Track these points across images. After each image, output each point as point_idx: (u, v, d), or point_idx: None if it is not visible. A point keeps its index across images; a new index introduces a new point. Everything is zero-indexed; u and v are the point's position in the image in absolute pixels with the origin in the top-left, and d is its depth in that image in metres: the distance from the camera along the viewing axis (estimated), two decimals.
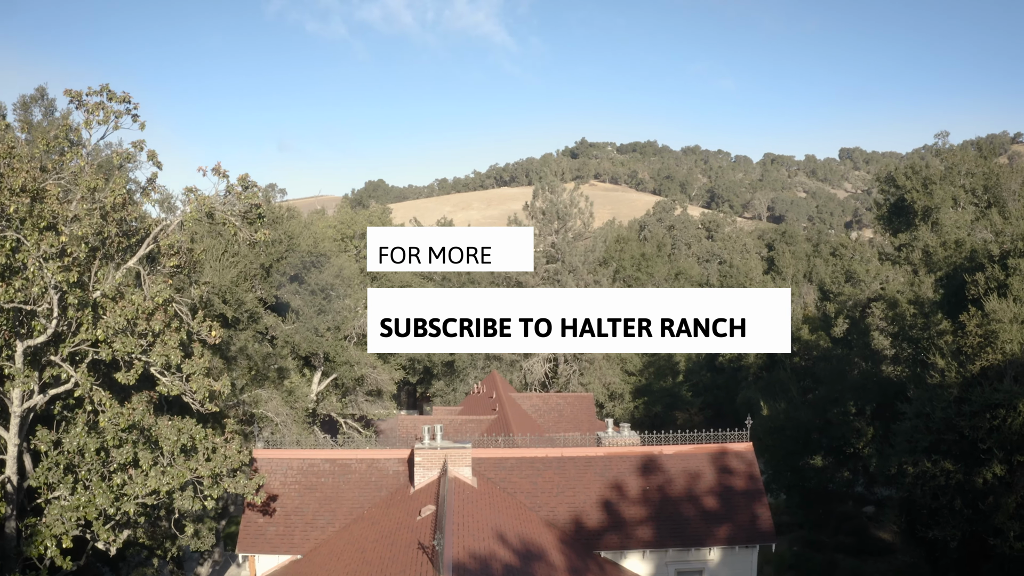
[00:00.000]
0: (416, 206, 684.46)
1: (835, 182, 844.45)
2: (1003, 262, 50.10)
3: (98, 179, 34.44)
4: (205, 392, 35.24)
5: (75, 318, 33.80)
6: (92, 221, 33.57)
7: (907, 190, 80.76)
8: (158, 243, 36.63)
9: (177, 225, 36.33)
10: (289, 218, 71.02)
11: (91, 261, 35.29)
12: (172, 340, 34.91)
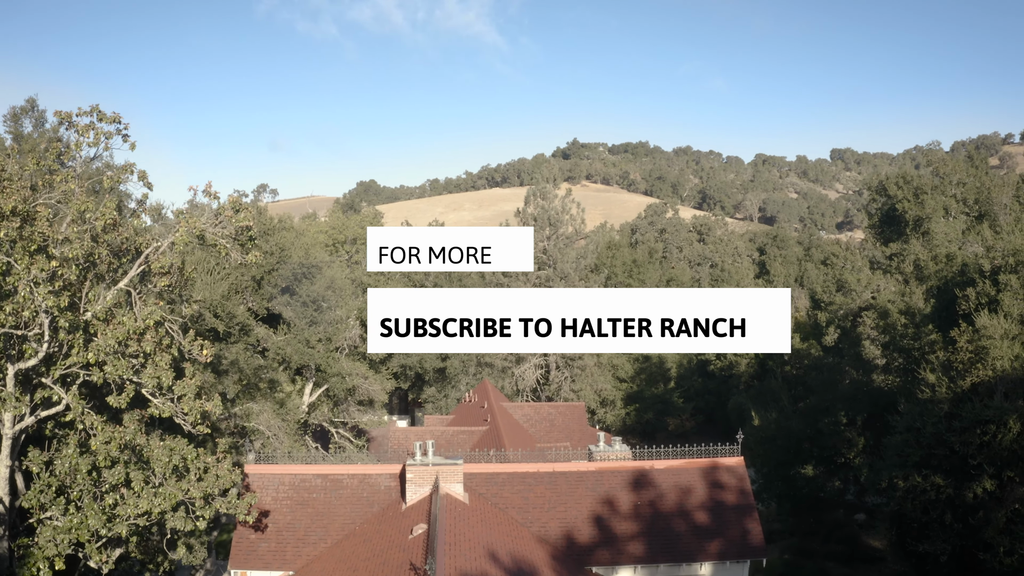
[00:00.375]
0: (407, 207, 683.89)
1: (826, 183, 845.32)
2: (994, 278, 50.20)
3: (88, 202, 34.40)
4: (197, 414, 35.22)
5: (66, 340, 33.76)
6: (83, 243, 33.52)
7: (898, 199, 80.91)
8: (149, 264, 36.58)
9: (167, 246, 36.21)
10: (280, 228, 70.80)
11: (82, 282, 35.23)
12: (163, 361, 34.90)
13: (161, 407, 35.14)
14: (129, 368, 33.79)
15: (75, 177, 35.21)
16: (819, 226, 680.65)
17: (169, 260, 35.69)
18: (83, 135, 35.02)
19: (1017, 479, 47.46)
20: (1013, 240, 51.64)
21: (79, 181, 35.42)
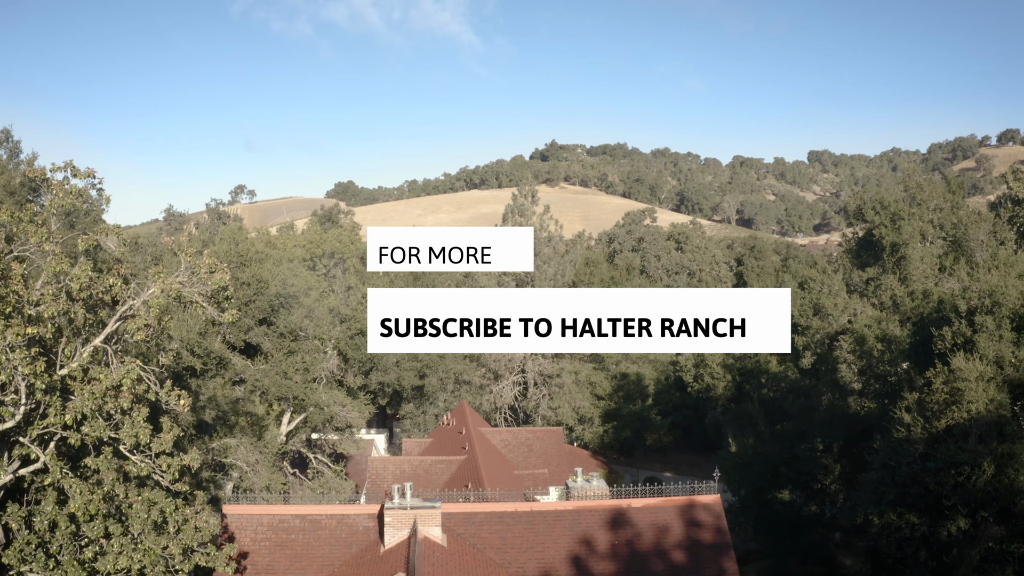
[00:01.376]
0: (385, 209, 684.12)
1: (804, 184, 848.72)
2: (970, 318, 50.58)
3: (63, 263, 34.30)
4: (175, 471, 35.18)
5: (43, 401, 33.66)
6: (58, 304, 33.41)
7: (875, 225, 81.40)
8: (124, 320, 36.49)
9: (141, 305, 36.09)
10: (257, 259, 70.64)
11: (57, 339, 35.11)
12: (140, 416, 34.81)
13: (139, 465, 35.07)
14: (106, 428, 33.73)
15: (49, 237, 34.99)
16: (796, 228, 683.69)
17: (144, 321, 35.49)
18: (55, 193, 34.88)
19: (991, 519, 47.84)
20: (989, 279, 52.00)
21: (52, 238, 35.23)
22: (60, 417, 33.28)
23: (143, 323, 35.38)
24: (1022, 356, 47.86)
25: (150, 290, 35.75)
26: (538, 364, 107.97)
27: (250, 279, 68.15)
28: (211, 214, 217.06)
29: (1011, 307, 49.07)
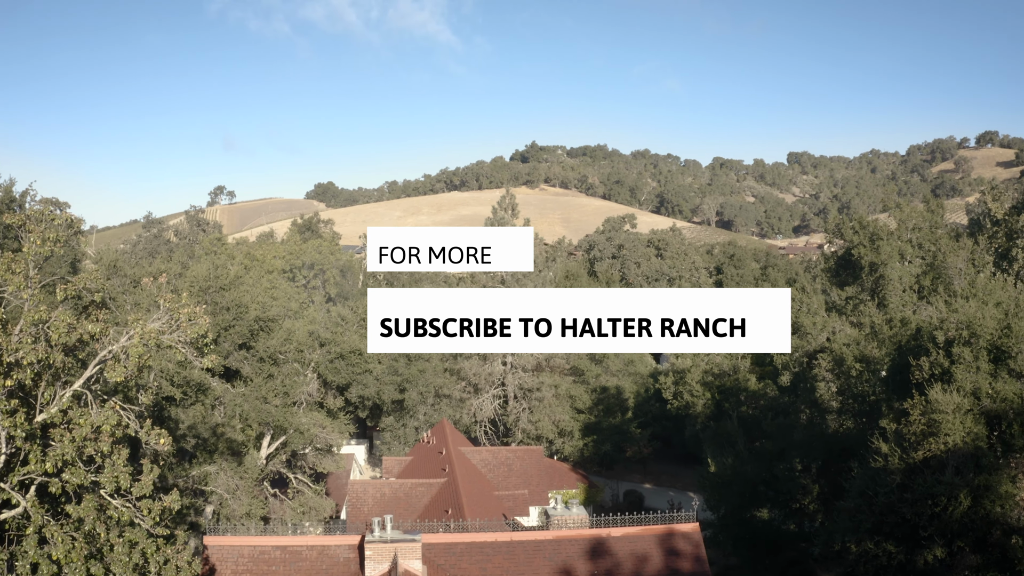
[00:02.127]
0: (365, 211, 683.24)
1: (783, 186, 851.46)
2: (947, 349, 50.91)
3: (42, 311, 34.23)
4: (156, 516, 35.17)
5: (23, 448, 33.62)
6: (38, 353, 33.31)
7: (854, 245, 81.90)
8: (104, 364, 36.41)
9: (120, 351, 35.98)
10: (238, 285, 70.59)
11: (37, 383, 35.03)
12: (121, 459, 34.80)
13: (121, 509, 35.05)
14: (87, 477, 33.72)
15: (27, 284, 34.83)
16: (776, 230, 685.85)
17: (124, 369, 35.37)
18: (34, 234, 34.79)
19: (967, 548, 48.18)
20: (967, 309, 52.33)
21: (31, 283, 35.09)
22: (40, 464, 33.27)
23: (123, 371, 35.30)
24: (999, 388, 48.18)
25: (129, 335, 35.62)
26: (518, 378, 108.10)
27: (229, 304, 68.10)
28: (190, 220, 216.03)
29: (988, 338, 49.40)
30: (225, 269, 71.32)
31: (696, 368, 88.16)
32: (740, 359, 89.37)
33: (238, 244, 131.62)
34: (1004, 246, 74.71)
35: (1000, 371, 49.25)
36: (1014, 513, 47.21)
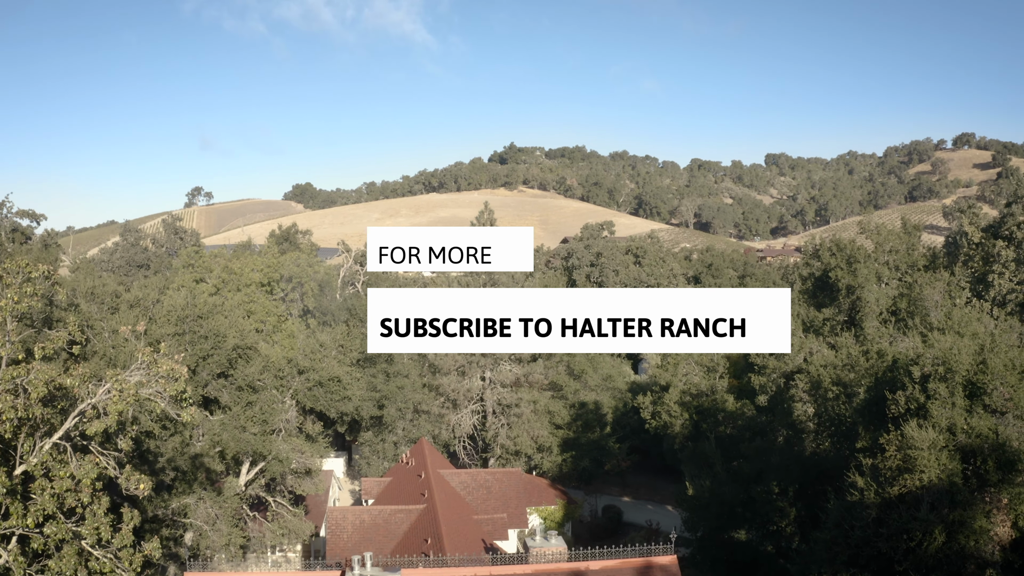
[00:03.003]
0: (343, 213, 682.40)
1: (761, 188, 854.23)
2: (923, 384, 51.25)
3: (20, 369, 34.15)
4: (137, 566, 35.17)
5: (3, 502, 33.59)
6: (17, 410, 33.26)
7: (831, 267, 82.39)
8: (83, 414, 36.36)
9: (100, 409, 35.89)
10: (215, 312, 70.35)
11: (16, 435, 34.98)
12: (101, 508, 34.79)
13: (102, 560, 35.03)
14: (68, 531, 33.72)
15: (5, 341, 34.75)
16: (754, 232, 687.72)
17: (103, 425, 35.29)
18: (12, 297, 34.68)
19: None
20: (942, 343, 52.69)
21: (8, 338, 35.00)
22: (22, 520, 33.25)
23: (102, 424, 35.25)
24: (974, 423, 48.53)
25: (108, 390, 35.53)
26: (497, 393, 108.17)
27: (207, 333, 67.94)
28: (167, 227, 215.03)
29: (964, 374, 49.75)
30: (202, 297, 70.86)
31: (674, 388, 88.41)
32: (718, 379, 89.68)
33: (215, 256, 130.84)
34: (980, 270, 75.20)
35: (975, 406, 49.61)
36: (988, 548, 47.53)
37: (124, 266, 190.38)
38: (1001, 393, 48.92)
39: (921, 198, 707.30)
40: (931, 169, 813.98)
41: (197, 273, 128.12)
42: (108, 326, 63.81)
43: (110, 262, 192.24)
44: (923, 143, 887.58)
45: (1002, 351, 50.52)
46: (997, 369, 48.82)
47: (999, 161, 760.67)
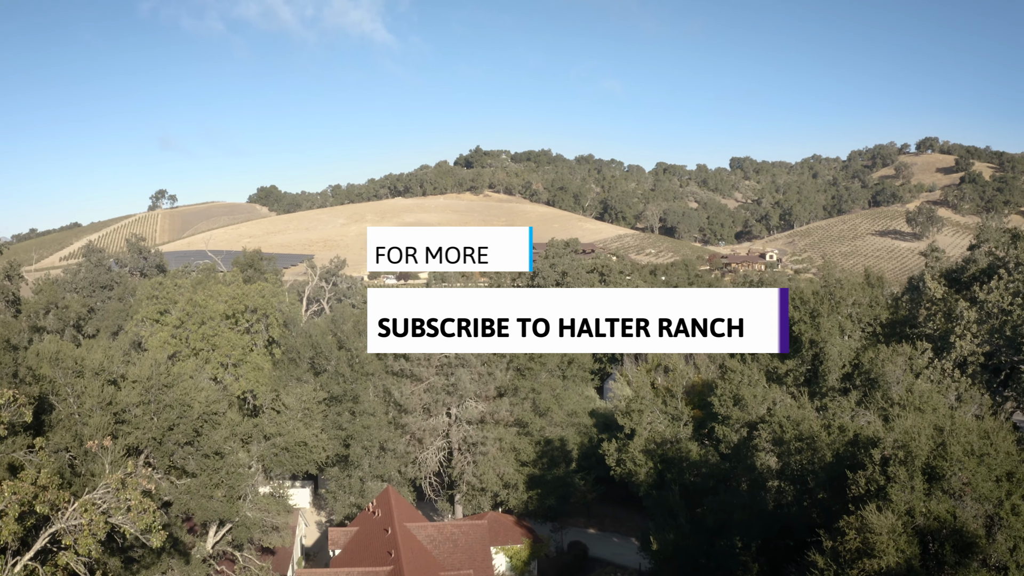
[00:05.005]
0: (308, 217, 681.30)
1: (726, 191, 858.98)
2: (884, 467, 51.99)
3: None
4: None
5: None
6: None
7: (795, 321, 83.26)
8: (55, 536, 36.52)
9: (72, 540, 36.03)
10: (179, 379, 70.12)
11: None
12: None
13: None
14: None
15: None
16: (719, 237, 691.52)
17: (74, 556, 35.43)
18: None
19: None
20: (903, 424, 53.45)
21: None
22: None
23: (73, 557, 35.37)
24: (933, 507, 49.30)
25: (74, 509, 35.66)
26: (462, 430, 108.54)
27: (173, 401, 67.86)
28: (131, 247, 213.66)
29: (923, 459, 50.53)
30: (168, 365, 70.74)
31: (639, 437, 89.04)
32: (682, 426, 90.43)
33: (178, 287, 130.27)
34: (942, 328, 76.12)
35: (934, 489, 50.38)
36: None
37: (88, 287, 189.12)
38: (959, 478, 49.73)
39: (885, 203, 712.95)
40: (895, 173, 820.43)
41: (161, 304, 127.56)
42: (73, 391, 63.70)
43: (73, 282, 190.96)
44: (887, 147, 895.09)
45: (961, 434, 51.31)
46: (956, 455, 49.62)
47: (962, 165, 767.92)
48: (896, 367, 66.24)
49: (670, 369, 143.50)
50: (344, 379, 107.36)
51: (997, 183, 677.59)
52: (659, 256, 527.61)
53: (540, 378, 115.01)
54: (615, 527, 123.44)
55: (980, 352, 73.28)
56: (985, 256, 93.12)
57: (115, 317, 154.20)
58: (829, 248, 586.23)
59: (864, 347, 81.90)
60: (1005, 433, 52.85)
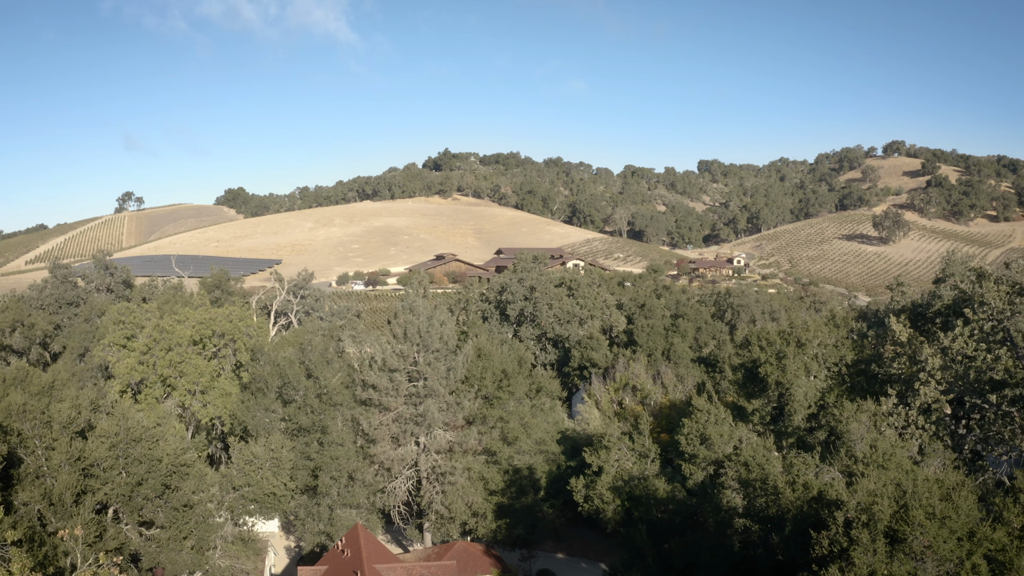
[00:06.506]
0: (276, 221, 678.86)
1: (694, 194, 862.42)
2: (847, 529, 52.55)
3: None
4: None
5: None
6: None
7: (761, 363, 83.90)
8: None
9: None
10: (148, 437, 69.91)
11: None
12: None
13: None
14: None
15: None
16: (686, 240, 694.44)
17: None
18: None
19: None
20: (866, 485, 54.04)
21: None
22: None
23: None
24: (894, 569, 49.87)
25: None
26: (431, 460, 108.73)
27: (142, 456, 67.75)
28: (97, 264, 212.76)
29: (886, 523, 51.12)
30: (136, 420, 70.53)
31: (607, 474, 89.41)
32: (649, 463, 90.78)
33: (146, 312, 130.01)
34: (907, 372, 76.79)
35: (896, 552, 50.95)
36: None
37: (54, 303, 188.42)
38: (921, 541, 50.33)
39: (852, 206, 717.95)
40: (862, 176, 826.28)
41: (128, 329, 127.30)
42: (42, 443, 63.52)
43: (40, 299, 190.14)
44: (854, 150, 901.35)
45: (923, 496, 51.93)
46: (918, 519, 50.20)
47: (928, 168, 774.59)
48: (860, 424, 66.92)
49: (637, 388, 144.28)
50: (312, 410, 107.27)
51: (963, 186, 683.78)
52: (627, 260, 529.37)
53: (508, 407, 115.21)
54: (583, 551, 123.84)
55: (944, 400, 74.05)
56: (950, 291, 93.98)
57: (82, 339, 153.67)
58: (796, 252, 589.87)
59: (830, 387, 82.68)
60: (966, 493, 53.51)
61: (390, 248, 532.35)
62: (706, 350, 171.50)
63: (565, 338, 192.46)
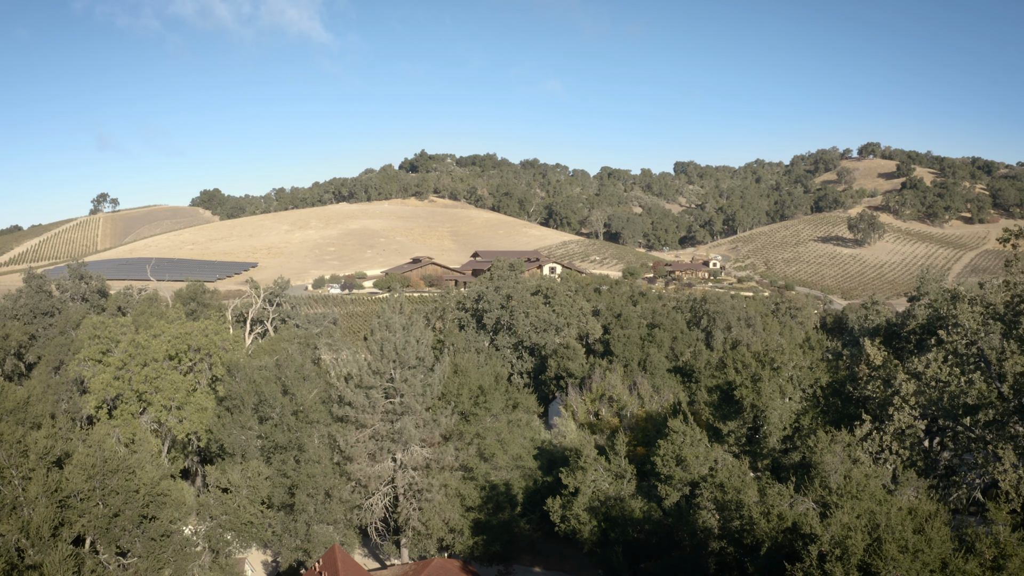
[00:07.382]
0: (252, 224, 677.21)
1: (670, 196, 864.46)
2: (821, 563, 52.99)
3: None
4: None
5: None
6: None
7: (736, 385, 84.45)
8: None
9: None
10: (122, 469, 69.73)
11: None
12: None
13: None
14: None
15: None
16: (663, 242, 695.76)
17: None
18: None
19: None
20: (840, 517, 54.47)
21: None
22: None
23: None
24: None
25: None
26: (408, 476, 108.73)
27: (119, 487, 67.65)
28: (72, 274, 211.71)
29: (859, 557, 51.55)
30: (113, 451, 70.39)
31: (583, 495, 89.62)
32: (626, 483, 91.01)
33: (121, 326, 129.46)
34: (881, 397, 77.32)
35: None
36: None
37: (28, 313, 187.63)
38: (894, 575, 50.78)
39: (827, 208, 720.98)
40: (837, 178, 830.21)
41: (103, 344, 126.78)
42: (18, 473, 63.34)
43: (14, 308, 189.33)
44: (829, 152, 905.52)
45: (896, 529, 52.40)
46: (891, 553, 50.63)
47: (903, 171, 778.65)
48: (835, 456, 67.45)
49: (614, 399, 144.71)
50: (289, 428, 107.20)
51: (938, 188, 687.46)
52: (604, 263, 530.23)
53: (485, 423, 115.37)
54: (560, 566, 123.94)
55: (918, 426, 74.59)
56: (924, 309, 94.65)
57: (57, 351, 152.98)
58: (772, 254, 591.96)
59: (804, 409, 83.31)
60: (939, 524, 53.97)
61: (366, 251, 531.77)
62: (682, 359, 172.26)
63: (542, 346, 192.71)
